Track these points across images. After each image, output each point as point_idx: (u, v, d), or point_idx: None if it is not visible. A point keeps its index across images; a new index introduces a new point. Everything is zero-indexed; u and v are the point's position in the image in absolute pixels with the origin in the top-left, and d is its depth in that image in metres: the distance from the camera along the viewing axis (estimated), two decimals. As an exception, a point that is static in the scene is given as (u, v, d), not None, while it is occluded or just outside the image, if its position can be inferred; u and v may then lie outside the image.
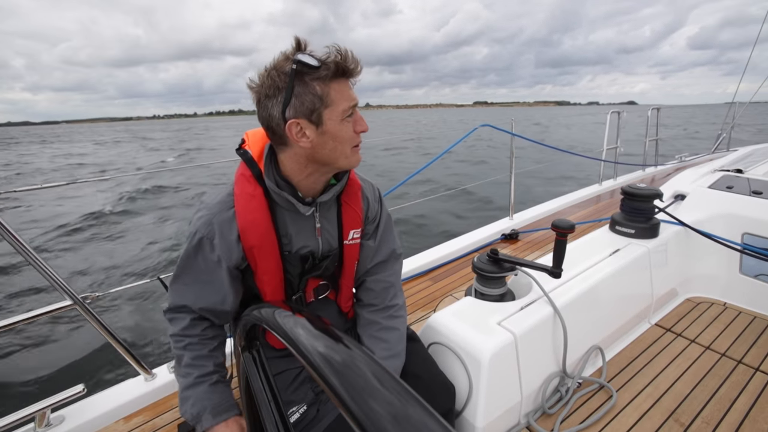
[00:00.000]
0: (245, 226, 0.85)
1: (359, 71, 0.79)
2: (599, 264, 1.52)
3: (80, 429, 1.20)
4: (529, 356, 1.17)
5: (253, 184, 0.87)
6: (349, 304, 1.13)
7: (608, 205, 3.30)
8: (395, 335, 1.05)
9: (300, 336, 0.34)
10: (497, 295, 1.35)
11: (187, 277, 0.91)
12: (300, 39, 0.74)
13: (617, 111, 4.04)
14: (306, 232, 0.93)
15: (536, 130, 33.61)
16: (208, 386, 0.90)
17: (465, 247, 2.48)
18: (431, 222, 7.06)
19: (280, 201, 0.88)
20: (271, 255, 0.90)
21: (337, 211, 0.98)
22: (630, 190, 1.73)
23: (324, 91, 0.75)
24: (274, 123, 0.78)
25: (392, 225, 1.12)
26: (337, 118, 0.78)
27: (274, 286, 0.94)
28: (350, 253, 1.02)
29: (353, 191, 0.99)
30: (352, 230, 1.00)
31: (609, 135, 3.92)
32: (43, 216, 9.17)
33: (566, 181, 9.90)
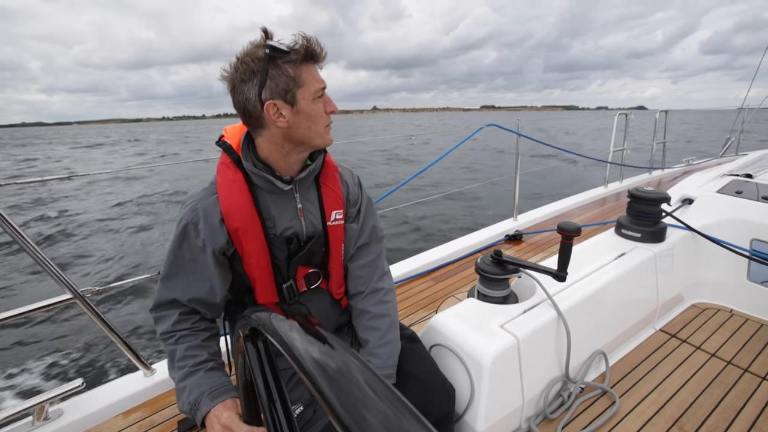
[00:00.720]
0: (228, 209, 0.88)
1: (325, 56, 0.85)
2: (604, 267, 1.50)
3: (78, 423, 1.20)
4: (531, 360, 1.15)
5: (233, 170, 0.90)
6: (341, 290, 1.13)
7: (614, 208, 3.27)
8: (386, 321, 1.06)
9: (294, 340, 0.33)
10: (500, 297, 1.33)
11: (174, 270, 0.92)
12: (267, 29, 0.80)
13: (625, 113, 4.00)
14: (288, 213, 0.96)
15: (537, 136, 33.73)
16: (204, 372, 0.89)
17: (468, 248, 2.46)
18: (432, 222, 7.03)
19: (259, 182, 0.91)
20: (255, 237, 0.91)
21: (317, 192, 1.00)
22: (637, 194, 1.71)
23: (296, 73, 0.81)
24: (251, 105, 0.82)
25: (373, 208, 1.14)
26: (309, 98, 0.84)
27: (262, 270, 0.95)
28: (335, 234, 1.04)
29: (330, 173, 1.03)
30: (334, 211, 1.02)
31: (616, 137, 3.88)
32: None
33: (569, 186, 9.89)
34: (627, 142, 4.02)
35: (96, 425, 1.21)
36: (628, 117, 3.96)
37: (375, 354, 1.04)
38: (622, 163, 3.99)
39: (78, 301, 1.19)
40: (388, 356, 1.04)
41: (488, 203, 8.26)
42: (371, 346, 1.05)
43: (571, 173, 11.62)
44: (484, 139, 23.29)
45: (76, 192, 11.85)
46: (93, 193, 11.77)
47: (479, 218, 7.00)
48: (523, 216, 2.97)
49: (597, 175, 9.37)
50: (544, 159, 13.73)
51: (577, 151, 3.97)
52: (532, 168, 9.36)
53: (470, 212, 7.64)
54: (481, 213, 7.50)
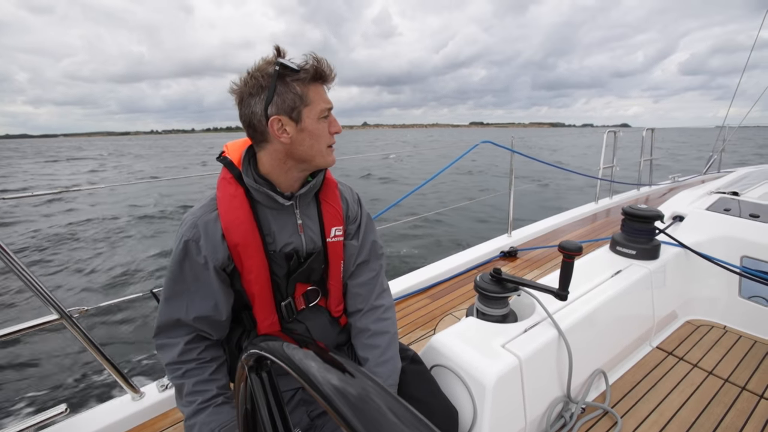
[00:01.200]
0: (228, 224, 0.88)
1: (333, 78, 0.87)
2: (602, 285, 1.50)
3: None
4: (533, 380, 1.14)
5: (234, 185, 0.90)
6: (340, 308, 1.11)
7: (605, 224, 3.31)
8: (386, 339, 1.05)
9: (311, 369, 0.32)
10: (500, 316, 1.32)
11: (177, 289, 0.89)
12: (279, 47, 0.82)
13: (614, 130, 4.11)
14: (288, 229, 0.95)
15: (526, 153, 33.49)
16: (213, 408, 0.87)
17: (463, 264, 2.45)
18: (427, 239, 7.02)
19: (259, 198, 0.90)
20: (255, 253, 0.90)
21: (317, 208, 1.00)
22: (631, 211, 1.74)
23: (304, 92, 0.82)
24: (256, 119, 0.84)
25: (373, 225, 1.15)
26: (314, 117, 0.85)
27: (261, 287, 0.93)
28: (334, 251, 1.03)
29: (330, 189, 1.03)
30: (334, 227, 1.02)
31: (605, 154, 3.97)
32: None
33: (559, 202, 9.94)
34: (615, 159, 4.12)
35: None
36: (617, 134, 4.06)
37: (375, 373, 1.02)
38: (612, 180, 4.07)
39: (65, 321, 1.14)
40: (388, 375, 1.02)
41: (481, 218, 8.32)
42: (371, 364, 1.03)
43: (557, 190, 11.80)
44: (475, 156, 23.53)
45: (50, 207, 11.52)
46: (75, 208, 11.47)
47: (471, 235, 7.02)
48: (517, 232, 2.99)
49: (587, 192, 9.52)
50: (535, 174, 13.91)
51: (565, 168, 4.04)
52: (524, 185, 9.49)
53: (465, 229, 7.68)
54: (475, 229, 7.53)
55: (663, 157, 19.46)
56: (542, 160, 3.46)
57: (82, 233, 8.26)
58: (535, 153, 28.72)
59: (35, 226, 8.97)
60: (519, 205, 3.01)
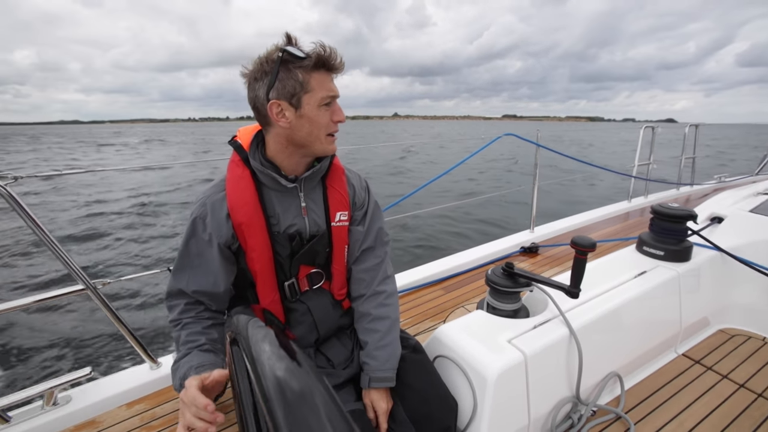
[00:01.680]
0: (234, 204, 0.92)
1: (339, 66, 0.87)
2: (623, 285, 1.43)
3: (84, 411, 1.22)
4: (539, 378, 1.10)
5: (241, 167, 0.95)
6: (343, 292, 1.13)
7: (637, 224, 3.14)
8: (386, 324, 1.06)
9: (263, 353, 0.31)
10: (510, 311, 1.29)
11: (183, 263, 0.96)
12: (290, 34, 0.84)
13: (651, 126, 3.86)
14: (292, 211, 0.98)
15: (558, 148, 31.14)
16: (197, 352, 0.91)
17: (481, 258, 2.40)
18: (443, 232, 6.92)
19: (265, 180, 0.94)
20: (258, 232, 0.94)
21: (322, 193, 1.02)
22: (660, 210, 1.63)
23: (305, 79, 0.84)
24: (259, 103, 0.87)
25: (380, 212, 1.15)
26: (314, 104, 0.86)
27: (263, 265, 0.96)
28: (339, 235, 1.04)
29: (337, 175, 1.05)
30: (339, 212, 1.03)
31: (641, 151, 3.74)
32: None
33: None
34: (653, 156, 3.87)
35: (100, 414, 1.23)
36: (654, 130, 3.81)
37: (373, 356, 1.03)
38: (648, 178, 3.84)
39: (89, 292, 1.22)
40: (386, 359, 1.03)
41: (505, 213, 8.09)
42: (370, 348, 1.05)
43: (590, 187, 11.24)
44: (502, 150, 22.71)
45: (89, 186, 12.22)
46: (108, 187, 12.11)
47: (492, 229, 6.85)
48: (540, 228, 2.88)
49: (622, 189, 9.06)
50: (563, 173, 13.34)
51: (595, 165, 3.84)
52: (550, 180, 9.15)
53: (485, 223, 7.50)
54: (495, 224, 7.35)
55: (711, 156, 18.11)
56: (569, 155, 3.31)
57: (112, 211, 8.76)
58: (573, 150, 27.24)
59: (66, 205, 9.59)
60: (544, 201, 2.90)
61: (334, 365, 1.07)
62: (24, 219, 1.09)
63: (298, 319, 1.06)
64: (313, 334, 1.07)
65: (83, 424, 1.20)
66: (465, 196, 9.57)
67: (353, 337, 1.15)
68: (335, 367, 1.07)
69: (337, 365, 1.08)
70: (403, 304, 1.96)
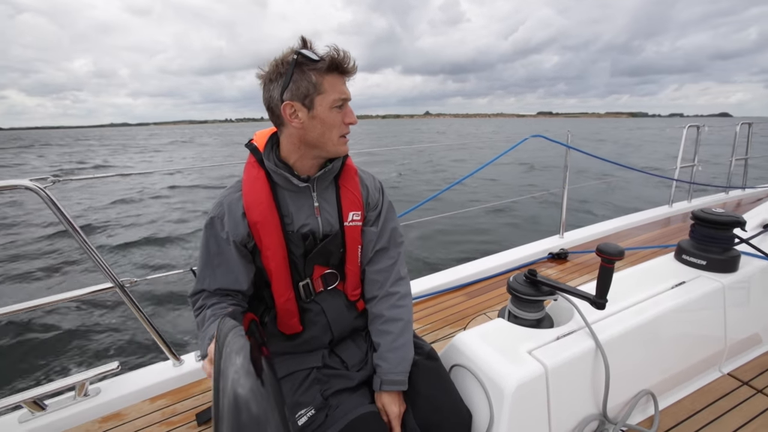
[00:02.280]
0: (249, 203, 0.94)
1: (352, 70, 0.89)
2: (659, 296, 1.32)
3: (111, 403, 1.28)
4: (561, 392, 1.04)
5: (257, 168, 0.97)
6: (357, 292, 1.12)
7: (678, 230, 2.93)
8: (399, 325, 1.05)
9: (230, 366, 0.29)
10: (533, 320, 1.22)
11: (203, 263, 0.99)
12: (305, 38, 0.86)
13: (696, 125, 3.59)
14: (305, 211, 0.99)
15: (587, 148, 27.39)
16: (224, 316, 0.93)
17: (506, 264, 2.32)
18: (465, 236, 6.73)
19: (278, 180, 0.96)
20: (273, 231, 0.95)
21: (335, 193, 1.03)
22: (703, 215, 1.50)
23: (318, 81, 0.85)
24: (273, 103, 0.89)
25: (394, 213, 1.14)
26: (327, 106, 0.88)
27: (278, 263, 0.98)
28: (352, 235, 1.04)
29: (350, 175, 1.05)
30: (352, 212, 1.04)
31: (684, 151, 3.49)
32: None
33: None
34: (698, 157, 3.60)
35: (125, 407, 1.29)
36: (700, 129, 3.55)
37: (385, 358, 1.02)
38: (692, 181, 3.58)
39: (118, 290, 1.28)
40: (398, 362, 1.01)
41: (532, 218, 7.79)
42: (382, 350, 1.04)
43: (624, 189, 10.58)
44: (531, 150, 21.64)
45: (119, 188, 12.70)
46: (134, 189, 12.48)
47: (517, 235, 6.59)
48: (571, 233, 2.76)
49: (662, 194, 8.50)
50: (596, 175, 12.64)
51: (632, 168, 3.62)
52: (580, 182, 8.66)
53: (512, 227, 7.26)
54: (521, 228, 7.08)
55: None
56: (601, 157, 3.15)
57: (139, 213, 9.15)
58: (606, 150, 25.19)
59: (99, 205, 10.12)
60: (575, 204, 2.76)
61: (348, 367, 1.06)
62: (60, 219, 1.16)
63: (312, 320, 1.06)
64: (327, 335, 1.07)
65: (110, 415, 1.26)
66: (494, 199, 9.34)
67: (368, 339, 1.14)
68: (349, 368, 1.06)
69: (351, 367, 1.06)
70: (422, 309, 1.93)
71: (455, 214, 2.73)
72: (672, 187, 3.49)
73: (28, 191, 1.11)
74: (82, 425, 1.23)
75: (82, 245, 1.20)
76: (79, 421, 1.24)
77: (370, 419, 0.93)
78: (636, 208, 3.55)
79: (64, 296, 1.24)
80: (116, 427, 1.22)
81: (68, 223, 1.16)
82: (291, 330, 1.06)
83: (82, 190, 12.19)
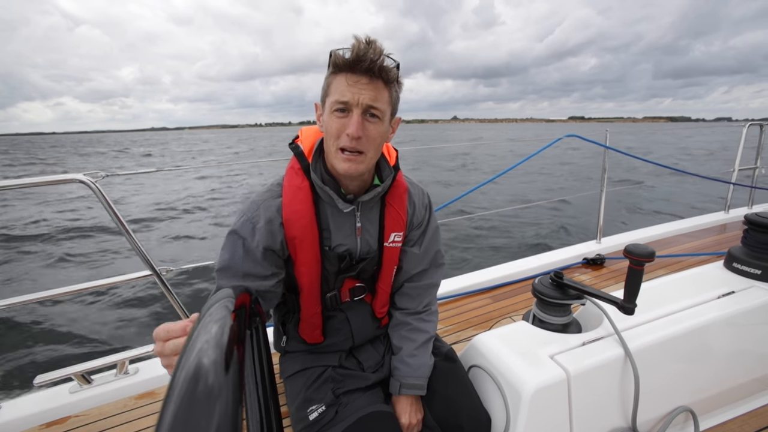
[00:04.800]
0: (290, 216, 0.87)
1: (368, 66, 0.74)
2: (703, 306, 1.22)
3: (147, 382, 1.38)
4: (585, 401, 0.98)
5: (300, 177, 0.89)
6: (384, 310, 1.10)
7: (734, 238, 2.67)
8: (423, 337, 1.05)
9: (202, 334, 0.30)
10: (558, 325, 1.17)
11: (227, 262, 0.89)
12: (357, 36, 0.74)
13: (760, 124, 3.27)
14: (345, 230, 0.94)
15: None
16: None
17: (536, 268, 2.24)
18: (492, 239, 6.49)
19: (323, 195, 0.89)
20: (310, 248, 0.91)
21: (380, 211, 0.97)
22: (758, 219, 1.36)
23: (330, 81, 0.79)
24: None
25: (438, 234, 1.09)
26: (328, 109, 0.80)
27: (311, 280, 0.95)
28: (389, 256, 1.00)
29: (398, 193, 0.98)
30: (394, 233, 0.98)
31: (743, 153, 3.18)
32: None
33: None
34: (761, 160, 3.28)
35: (158, 387, 1.38)
36: (763, 129, 3.23)
37: (406, 363, 1.01)
38: (753, 185, 3.26)
39: (155, 277, 1.37)
40: (419, 367, 1.01)
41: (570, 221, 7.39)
42: (403, 354, 1.03)
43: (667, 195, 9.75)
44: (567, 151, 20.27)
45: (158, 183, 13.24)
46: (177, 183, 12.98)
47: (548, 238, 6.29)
48: (609, 239, 2.60)
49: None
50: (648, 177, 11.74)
51: (681, 170, 3.35)
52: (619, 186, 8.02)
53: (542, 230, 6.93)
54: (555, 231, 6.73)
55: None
56: (643, 158, 2.94)
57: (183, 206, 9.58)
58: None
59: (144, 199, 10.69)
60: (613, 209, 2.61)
61: (364, 368, 1.06)
62: (107, 211, 1.27)
63: (335, 326, 1.05)
64: (348, 342, 1.06)
65: (144, 393, 1.35)
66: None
67: (385, 341, 1.14)
68: (365, 370, 1.06)
69: (367, 368, 1.06)
70: (447, 310, 1.90)
71: (489, 214, 2.66)
72: (729, 191, 3.20)
73: (81, 184, 1.22)
74: (120, 400, 1.33)
75: (125, 234, 1.30)
76: (119, 396, 1.34)
77: (380, 417, 0.92)
78: (674, 216, 3.27)
79: (106, 281, 1.35)
80: (149, 404, 1.31)
81: (114, 215, 1.27)
82: (312, 340, 1.04)
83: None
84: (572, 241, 2.66)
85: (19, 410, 1.26)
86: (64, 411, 1.28)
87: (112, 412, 1.28)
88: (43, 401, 1.29)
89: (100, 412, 1.28)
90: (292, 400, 1.01)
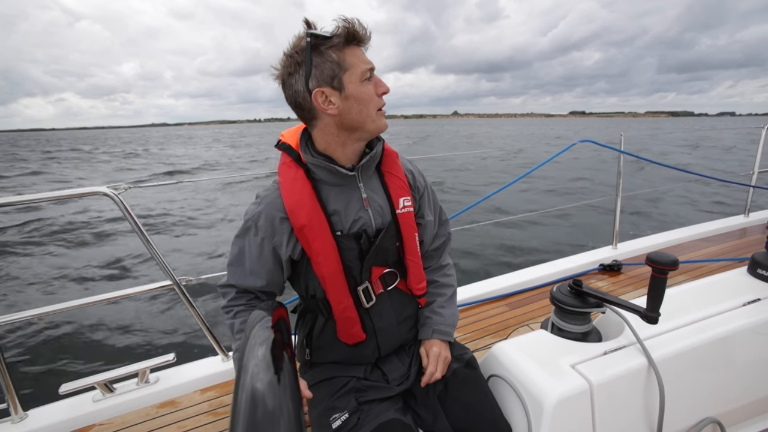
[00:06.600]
0: (292, 206, 0.88)
1: (368, 37, 0.82)
2: (727, 314, 1.19)
3: (167, 392, 1.40)
4: (609, 412, 0.97)
5: (294, 168, 0.91)
6: (422, 285, 1.08)
7: (755, 243, 2.61)
8: (450, 290, 1.16)
9: (252, 358, 0.31)
10: (578, 334, 1.16)
11: (234, 260, 0.96)
12: (308, 20, 0.79)
13: None
14: (354, 205, 0.93)
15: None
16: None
17: (552, 275, 2.21)
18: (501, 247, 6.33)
19: (321, 175, 0.89)
20: (321, 233, 0.89)
21: (380, 181, 0.98)
22: None
23: (340, 57, 0.79)
24: (300, 97, 0.82)
25: (435, 195, 1.15)
26: (356, 81, 0.81)
27: (331, 268, 0.91)
28: (406, 222, 0.99)
29: (391, 160, 1.00)
30: (401, 198, 0.98)
31: (763, 155, 3.11)
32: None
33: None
34: None
35: (179, 396, 1.40)
36: None
37: (438, 312, 1.10)
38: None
39: (176, 287, 1.40)
40: (450, 315, 1.11)
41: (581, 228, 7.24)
42: (435, 305, 1.11)
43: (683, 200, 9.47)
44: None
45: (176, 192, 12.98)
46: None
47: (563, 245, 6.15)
48: (625, 244, 2.56)
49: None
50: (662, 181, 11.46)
51: (697, 174, 3.28)
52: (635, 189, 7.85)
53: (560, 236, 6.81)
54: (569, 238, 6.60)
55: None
56: (663, 163, 2.90)
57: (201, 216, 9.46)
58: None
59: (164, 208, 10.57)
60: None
61: (388, 380, 1.05)
62: (129, 222, 1.30)
63: (372, 327, 1.03)
64: (374, 354, 1.05)
65: (165, 402, 1.37)
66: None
67: (411, 353, 1.12)
68: (389, 382, 1.04)
69: (392, 381, 1.04)
70: (464, 317, 1.89)
71: (508, 221, 2.65)
72: (749, 194, 3.13)
73: (105, 197, 1.26)
74: (142, 409, 1.35)
75: (146, 245, 1.33)
76: (140, 405, 1.36)
77: (399, 426, 0.91)
78: (691, 220, 3.20)
79: (128, 291, 1.38)
80: (170, 414, 1.33)
81: (136, 226, 1.30)
82: (354, 339, 1.01)
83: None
84: (586, 247, 2.62)
85: (46, 418, 1.29)
86: (88, 419, 1.31)
87: (134, 421, 1.31)
88: (67, 410, 1.32)
89: (123, 421, 1.31)
90: (314, 407, 1.01)
